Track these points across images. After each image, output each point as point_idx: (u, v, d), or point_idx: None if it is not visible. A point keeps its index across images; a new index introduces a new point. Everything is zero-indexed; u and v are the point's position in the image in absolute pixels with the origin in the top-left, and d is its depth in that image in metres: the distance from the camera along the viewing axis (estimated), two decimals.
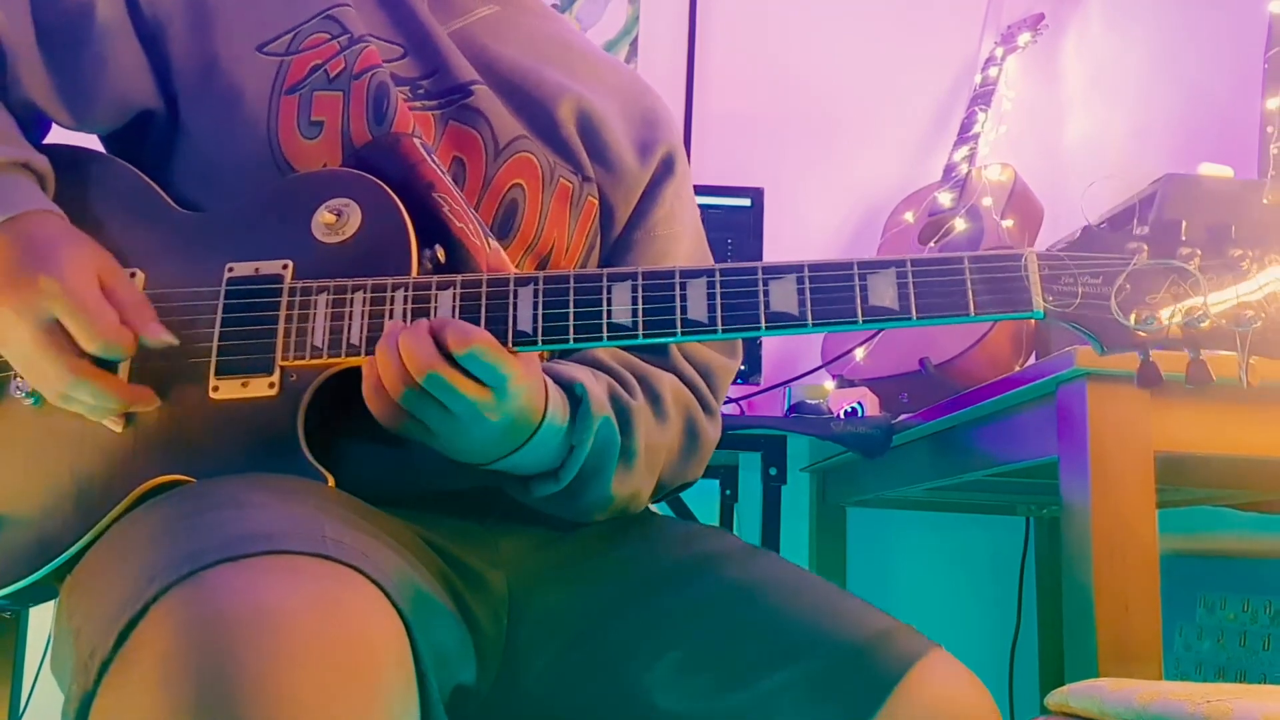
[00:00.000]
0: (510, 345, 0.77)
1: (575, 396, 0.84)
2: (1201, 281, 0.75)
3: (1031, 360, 1.76)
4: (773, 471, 1.72)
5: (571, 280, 0.79)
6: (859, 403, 1.77)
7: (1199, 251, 0.76)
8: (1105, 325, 0.77)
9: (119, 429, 0.81)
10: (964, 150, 2.14)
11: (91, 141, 0.94)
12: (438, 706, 0.63)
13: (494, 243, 0.84)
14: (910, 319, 0.77)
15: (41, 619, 1.79)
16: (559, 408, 0.82)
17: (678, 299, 0.78)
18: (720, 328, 0.77)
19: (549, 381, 0.82)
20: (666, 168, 1.05)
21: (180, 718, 0.52)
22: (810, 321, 0.77)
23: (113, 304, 0.79)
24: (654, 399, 0.93)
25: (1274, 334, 0.75)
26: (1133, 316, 0.76)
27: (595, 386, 0.85)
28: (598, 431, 0.84)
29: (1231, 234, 0.75)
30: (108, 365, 0.80)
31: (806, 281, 0.77)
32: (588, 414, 0.83)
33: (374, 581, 0.61)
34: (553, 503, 0.87)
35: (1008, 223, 1.94)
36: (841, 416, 1.73)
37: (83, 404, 0.79)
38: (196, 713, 0.52)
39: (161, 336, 0.80)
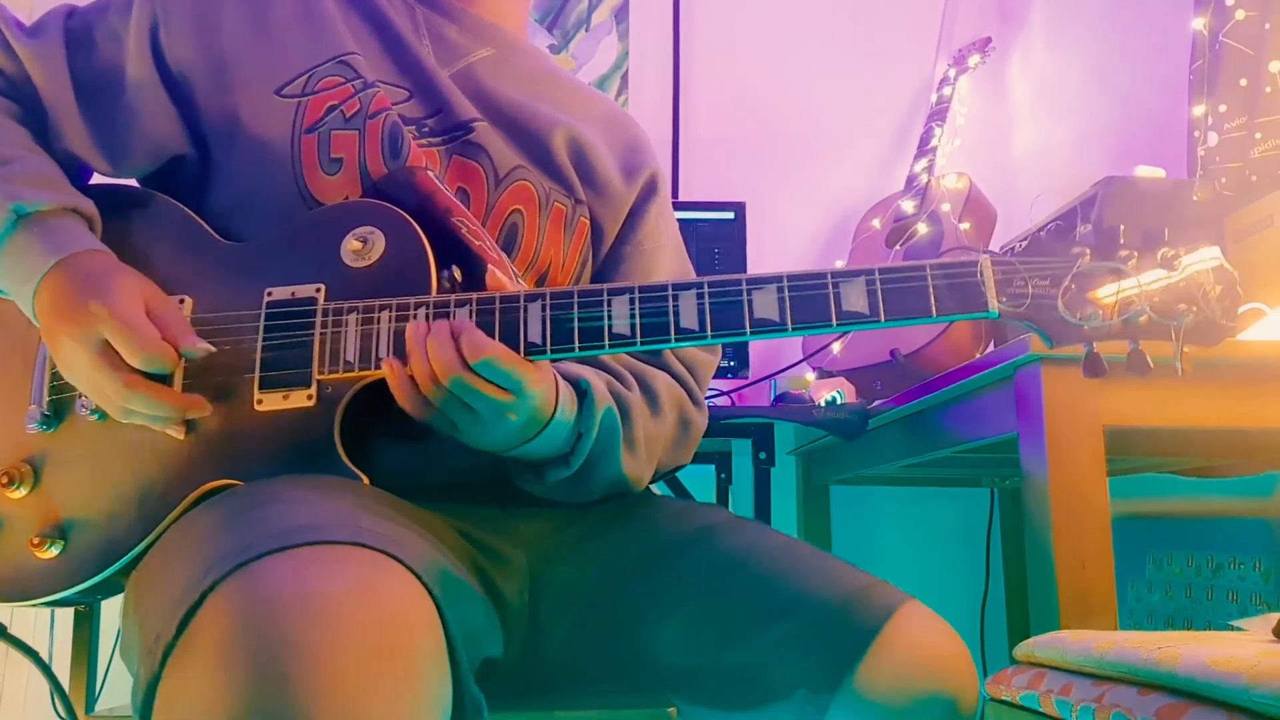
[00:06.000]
0: (522, 354, 0.77)
1: (580, 390, 0.85)
2: (1138, 280, 0.75)
3: (991, 348, 1.75)
4: (762, 456, 1.71)
5: (575, 296, 0.79)
6: (838, 391, 1.77)
7: (1135, 253, 0.76)
8: (1054, 322, 0.77)
9: (181, 436, 0.81)
10: (923, 162, 2.14)
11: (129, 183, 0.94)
12: (468, 677, 0.63)
13: (499, 254, 0.85)
14: (879, 321, 0.76)
15: (112, 609, 1.79)
16: (568, 401, 0.83)
17: (671, 309, 0.78)
18: (710, 334, 0.77)
19: (558, 378, 0.83)
20: (650, 189, 1.05)
21: (238, 694, 0.52)
22: (790, 326, 0.76)
23: (155, 323, 0.79)
24: (650, 394, 0.94)
25: (1204, 326, 0.75)
26: (1078, 313, 0.76)
27: (598, 381, 0.86)
28: (602, 419, 0.85)
29: (1165, 236, 0.75)
30: (161, 380, 0.80)
31: (786, 290, 0.77)
32: (592, 404, 0.84)
33: (407, 566, 0.61)
34: (563, 486, 0.87)
35: (965, 225, 1.94)
36: (822, 404, 1.72)
37: (142, 415, 0.79)
38: (253, 689, 0.52)
39: (199, 345, 0.80)
